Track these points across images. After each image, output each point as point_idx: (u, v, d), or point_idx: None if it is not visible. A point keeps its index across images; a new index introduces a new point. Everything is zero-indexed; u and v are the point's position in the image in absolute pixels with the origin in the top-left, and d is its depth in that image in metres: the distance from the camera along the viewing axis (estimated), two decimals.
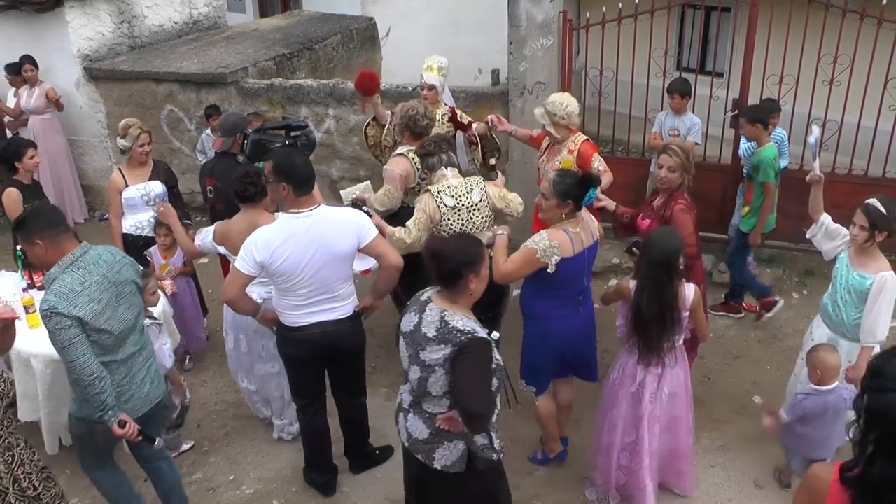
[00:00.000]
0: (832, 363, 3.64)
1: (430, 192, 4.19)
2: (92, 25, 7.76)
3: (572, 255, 3.62)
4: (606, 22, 5.91)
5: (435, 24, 10.86)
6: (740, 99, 6.00)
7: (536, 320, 3.87)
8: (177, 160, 7.61)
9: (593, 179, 3.64)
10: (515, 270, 3.70)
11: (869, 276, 3.67)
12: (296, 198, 3.56)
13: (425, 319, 2.90)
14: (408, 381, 3.05)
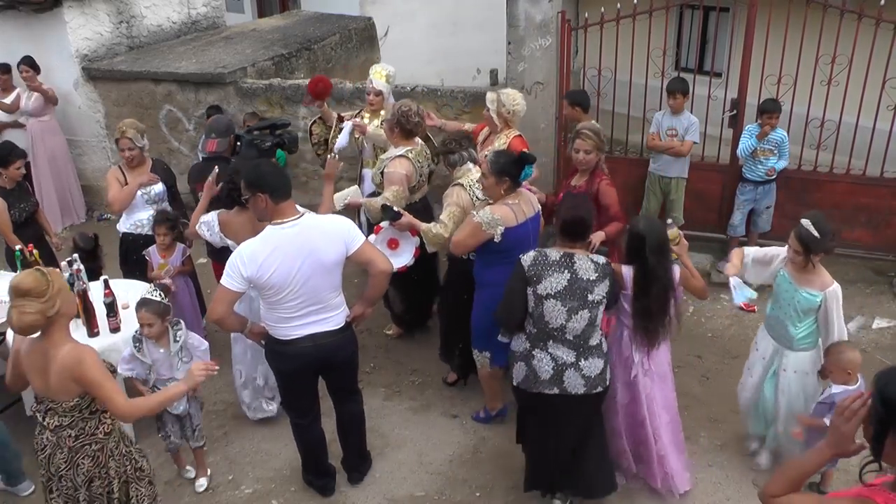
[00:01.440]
0: (858, 360, 3.73)
1: (462, 185, 4.36)
2: (90, 25, 7.75)
3: (515, 225, 3.94)
4: (605, 22, 5.91)
5: (433, 24, 10.86)
6: (739, 99, 6.01)
7: (488, 287, 4.09)
8: (175, 160, 7.61)
9: (528, 157, 3.94)
10: (463, 240, 4.03)
11: (817, 293, 3.71)
12: (276, 206, 3.45)
13: (580, 268, 3.47)
14: (559, 341, 3.51)
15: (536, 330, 3.57)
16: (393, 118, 4.80)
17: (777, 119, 5.63)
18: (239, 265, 3.41)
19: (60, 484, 3.16)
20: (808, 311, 3.79)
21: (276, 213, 3.47)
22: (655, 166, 6.03)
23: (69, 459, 3.11)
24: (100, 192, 7.93)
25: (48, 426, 3.09)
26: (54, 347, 2.93)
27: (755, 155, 5.76)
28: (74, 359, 2.92)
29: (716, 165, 6.26)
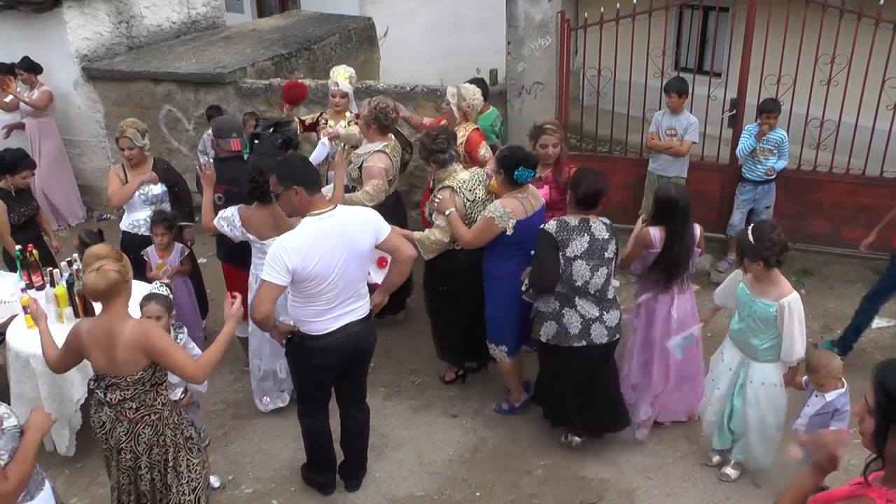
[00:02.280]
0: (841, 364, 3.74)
1: (453, 188, 4.38)
2: (90, 25, 7.75)
3: (525, 217, 4.15)
4: (604, 22, 5.91)
5: (433, 23, 10.86)
6: (738, 99, 6.01)
7: (500, 281, 4.31)
8: (175, 160, 7.58)
9: (530, 160, 4.13)
10: (477, 237, 4.22)
11: (771, 303, 3.64)
12: (311, 198, 3.49)
13: (596, 230, 3.95)
14: (584, 297, 3.96)
15: (565, 290, 3.97)
16: (370, 114, 4.90)
17: (776, 119, 5.63)
18: (283, 257, 3.38)
19: (120, 457, 3.30)
20: (767, 322, 3.71)
21: (312, 205, 3.51)
22: (655, 166, 6.03)
23: (129, 430, 3.25)
24: (100, 192, 7.93)
25: (110, 402, 3.20)
26: (119, 323, 3.07)
27: (755, 155, 5.76)
28: (142, 331, 3.08)
29: (715, 165, 6.27)
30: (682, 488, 4.16)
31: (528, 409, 4.73)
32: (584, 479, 4.24)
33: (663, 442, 4.48)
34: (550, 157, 4.68)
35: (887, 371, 1.88)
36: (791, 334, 3.66)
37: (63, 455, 4.46)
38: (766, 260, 3.56)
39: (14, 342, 4.35)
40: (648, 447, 4.39)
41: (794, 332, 3.66)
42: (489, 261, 4.35)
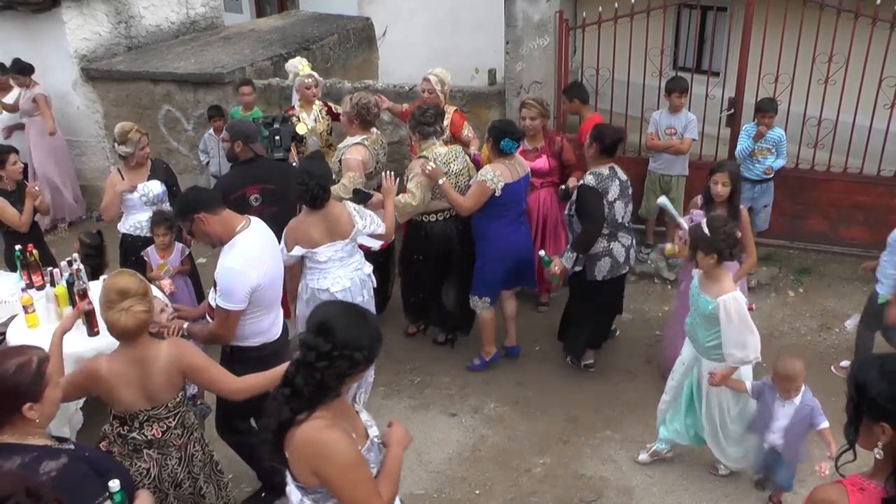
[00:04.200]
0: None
1: (427, 158, 4.72)
2: (89, 26, 7.76)
3: (512, 181, 4.62)
4: (603, 21, 5.92)
5: (432, 23, 10.87)
6: (736, 98, 6.02)
7: (489, 240, 4.80)
8: (174, 160, 7.61)
9: (514, 133, 4.64)
10: (474, 202, 4.64)
11: (711, 299, 3.63)
12: (219, 217, 3.45)
13: (619, 175, 4.59)
14: (622, 230, 4.64)
15: (610, 228, 4.54)
16: (353, 110, 5.03)
17: (773, 118, 5.65)
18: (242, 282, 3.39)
19: (180, 490, 3.13)
20: (710, 319, 3.69)
21: (227, 222, 3.48)
22: (656, 165, 6.05)
23: (182, 458, 3.12)
24: (98, 192, 7.89)
25: (152, 439, 3.01)
26: (151, 350, 2.92)
27: (753, 154, 5.78)
28: (177, 351, 2.96)
29: (713, 165, 6.26)
30: (681, 486, 4.18)
31: (499, 363, 5.22)
32: (583, 477, 4.26)
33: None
34: (529, 129, 5.22)
35: (860, 365, 1.91)
36: (734, 332, 3.59)
37: None
38: (720, 252, 3.57)
39: (14, 342, 4.35)
40: (647, 446, 4.40)
41: (729, 331, 3.59)
42: (480, 222, 4.80)
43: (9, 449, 2.19)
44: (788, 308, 5.77)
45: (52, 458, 2.20)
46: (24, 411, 2.21)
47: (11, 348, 2.52)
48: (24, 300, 4.46)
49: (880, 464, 1.87)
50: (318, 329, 2.22)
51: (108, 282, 2.87)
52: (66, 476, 2.16)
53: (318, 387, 2.22)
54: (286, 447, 2.26)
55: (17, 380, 2.21)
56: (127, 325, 2.80)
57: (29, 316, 4.43)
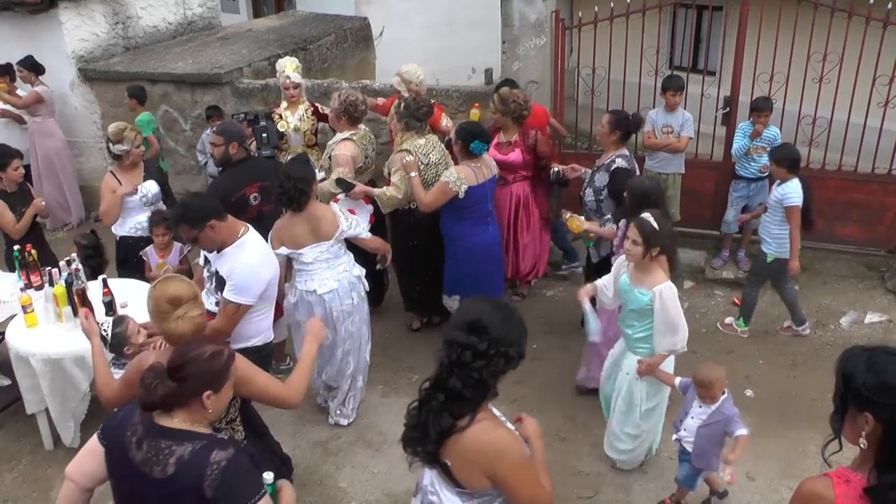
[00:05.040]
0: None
1: (409, 150, 4.85)
2: (86, 26, 7.76)
3: (477, 184, 4.69)
4: (599, 21, 5.95)
5: (428, 23, 10.89)
6: (732, 97, 6.06)
7: (456, 240, 4.91)
8: (172, 160, 7.63)
9: (482, 135, 4.72)
10: (434, 200, 4.71)
11: (647, 292, 3.67)
12: (226, 223, 3.62)
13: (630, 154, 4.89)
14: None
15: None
16: (341, 107, 5.12)
17: (768, 117, 5.68)
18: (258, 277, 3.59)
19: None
20: (642, 312, 3.74)
21: (232, 227, 3.67)
22: (652, 163, 6.07)
23: None
24: (96, 193, 7.85)
25: None
26: None
27: (748, 153, 5.81)
28: None
29: (709, 163, 6.32)
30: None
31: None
32: (581, 474, 4.28)
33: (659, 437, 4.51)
34: (496, 121, 5.37)
35: (847, 356, 1.94)
36: (667, 322, 3.66)
37: (68, 447, 4.50)
38: (664, 247, 3.62)
39: (13, 341, 4.38)
40: None
41: (663, 320, 3.66)
42: (447, 223, 4.91)
43: (181, 435, 2.23)
44: (784, 306, 5.79)
45: (222, 448, 2.22)
46: (203, 398, 2.26)
47: (207, 337, 2.70)
48: (22, 300, 4.49)
49: (864, 455, 1.91)
50: (471, 328, 2.18)
51: (155, 292, 2.82)
52: (234, 466, 2.19)
53: (477, 387, 2.18)
54: (445, 455, 2.22)
55: (209, 365, 2.28)
56: (185, 333, 2.77)
57: (28, 316, 4.46)
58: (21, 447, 4.72)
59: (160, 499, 2.18)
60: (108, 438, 2.35)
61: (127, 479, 2.26)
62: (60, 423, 4.44)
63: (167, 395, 2.22)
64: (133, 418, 2.30)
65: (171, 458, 2.18)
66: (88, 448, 2.41)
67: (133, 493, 2.26)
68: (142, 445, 2.23)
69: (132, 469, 2.22)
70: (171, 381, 2.22)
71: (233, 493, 2.14)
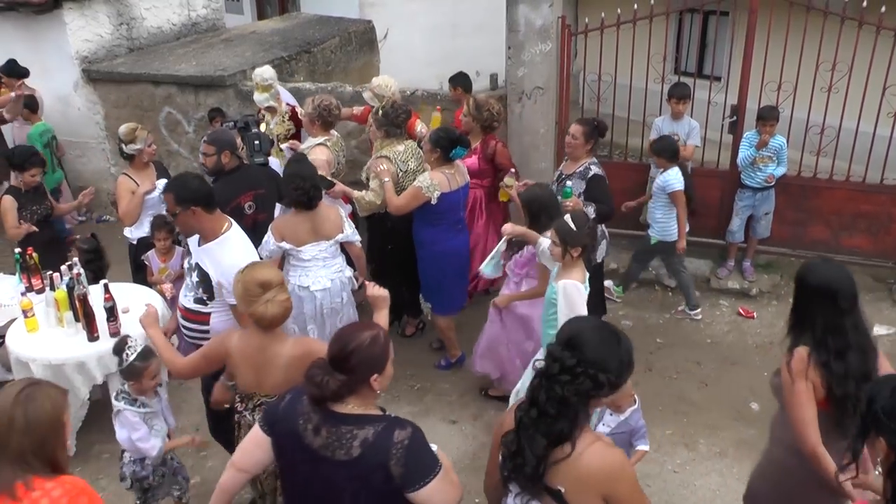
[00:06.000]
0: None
1: (389, 157, 4.92)
2: (90, 27, 7.73)
3: (450, 191, 4.69)
4: (605, 27, 5.91)
5: (433, 26, 10.86)
6: (739, 105, 6.01)
7: (428, 245, 4.91)
8: (174, 162, 7.60)
9: (463, 141, 4.71)
10: (406, 204, 4.72)
11: (554, 284, 3.73)
12: (211, 215, 3.60)
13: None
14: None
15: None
16: (314, 111, 5.21)
17: (774, 127, 5.64)
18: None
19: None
20: (550, 303, 3.77)
21: (216, 221, 3.67)
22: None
23: None
24: (99, 194, 7.88)
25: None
26: (276, 343, 3.02)
27: (754, 162, 5.77)
28: (304, 351, 2.99)
29: (715, 171, 6.27)
30: (681, 496, 4.16)
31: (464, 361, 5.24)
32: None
33: (662, 449, 4.48)
34: (465, 125, 5.39)
35: (878, 381, 1.97)
36: (563, 316, 3.59)
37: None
38: (585, 246, 3.67)
39: (13, 346, 4.35)
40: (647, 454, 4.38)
41: (563, 314, 3.61)
42: (418, 227, 4.92)
43: (359, 419, 2.31)
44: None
45: (402, 427, 2.31)
46: (371, 381, 2.32)
47: (357, 324, 2.70)
48: (23, 304, 4.45)
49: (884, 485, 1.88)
50: (567, 342, 2.18)
51: (245, 276, 2.96)
52: (415, 444, 2.29)
53: (560, 403, 2.14)
54: (556, 482, 2.17)
55: (372, 351, 2.33)
56: (275, 315, 2.91)
57: (28, 320, 4.43)
58: None
59: (349, 479, 2.29)
60: (273, 428, 2.43)
61: (306, 464, 2.35)
62: None
63: (340, 388, 2.29)
64: (299, 407, 2.37)
65: (354, 441, 2.28)
66: (254, 439, 2.49)
67: (315, 476, 2.35)
68: (320, 432, 2.31)
69: (312, 454, 2.32)
70: (340, 373, 2.29)
71: (416, 468, 2.26)
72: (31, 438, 2.13)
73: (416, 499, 2.28)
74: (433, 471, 2.30)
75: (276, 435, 2.43)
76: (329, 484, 2.33)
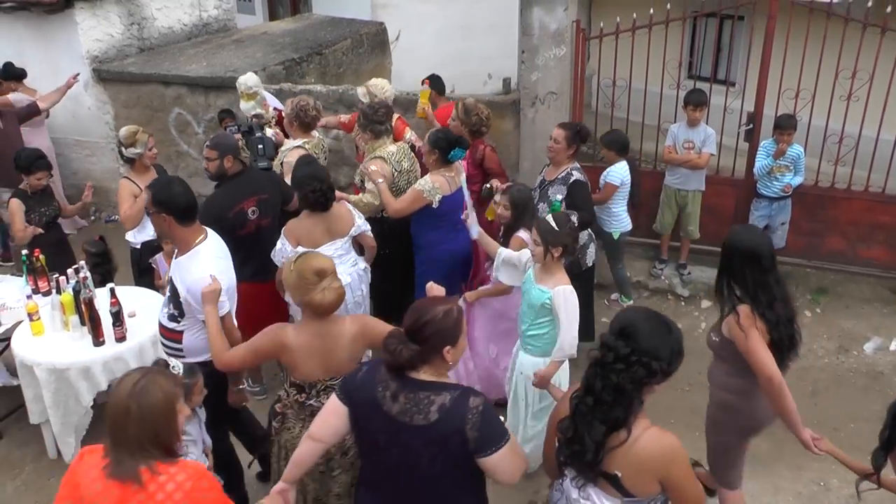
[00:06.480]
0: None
1: (383, 157, 4.87)
2: (101, 27, 7.71)
3: (450, 193, 4.68)
4: (621, 32, 5.82)
5: (445, 28, 10.79)
6: (756, 113, 5.91)
7: (427, 248, 4.85)
8: (184, 163, 7.57)
9: (462, 142, 4.64)
10: (406, 207, 4.68)
11: (547, 290, 3.70)
12: (184, 229, 3.40)
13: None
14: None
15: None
16: (292, 112, 5.21)
17: (792, 136, 5.54)
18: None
19: (345, 459, 3.17)
20: (540, 309, 3.75)
21: (189, 234, 3.47)
22: (672, 179, 5.94)
23: None
24: (108, 194, 7.89)
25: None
26: (335, 325, 3.12)
27: (770, 171, 5.67)
28: (362, 326, 3.16)
29: (730, 180, 6.17)
30: None
31: None
32: None
33: None
34: (453, 128, 5.18)
35: None
36: (565, 324, 3.66)
37: (68, 462, 4.40)
38: (566, 246, 3.68)
39: (19, 349, 4.31)
40: None
41: (567, 322, 3.66)
42: (417, 230, 4.87)
43: (435, 386, 2.44)
44: (805, 329, 5.52)
45: (476, 395, 2.43)
46: (444, 353, 2.43)
47: (433, 298, 2.94)
48: (28, 308, 4.41)
49: None
50: (621, 332, 2.28)
51: (300, 265, 3.02)
52: (488, 411, 2.40)
53: (616, 391, 2.25)
54: (612, 467, 2.29)
55: (445, 324, 2.44)
56: (331, 302, 3.00)
57: (34, 324, 4.39)
58: (24, 454, 4.65)
59: (427, 444, 2.39)
60: (350, 397, 2.54)
61: (384, 430, 2.45)
62: (61, 437, 4.36)
63: (413, 357, 2.41)
64: (377, 375, 2.50)
65: (431, 406, 2.38)
66: (331, 409, 2.59)
67: (392, 442, 2.45)
68: (398, 398, 2.42)
69: (390, 420, 2.42)
70: (414, 343, 2.41)
71: (489, 434, 2.36)
72: (146, 428, 2.22)
73: (487, 464, 2.39)
74: (504, 438, 2.40)
75: (354, 404, 2.52)
76: (406, 449, 2.43)
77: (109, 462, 2.25)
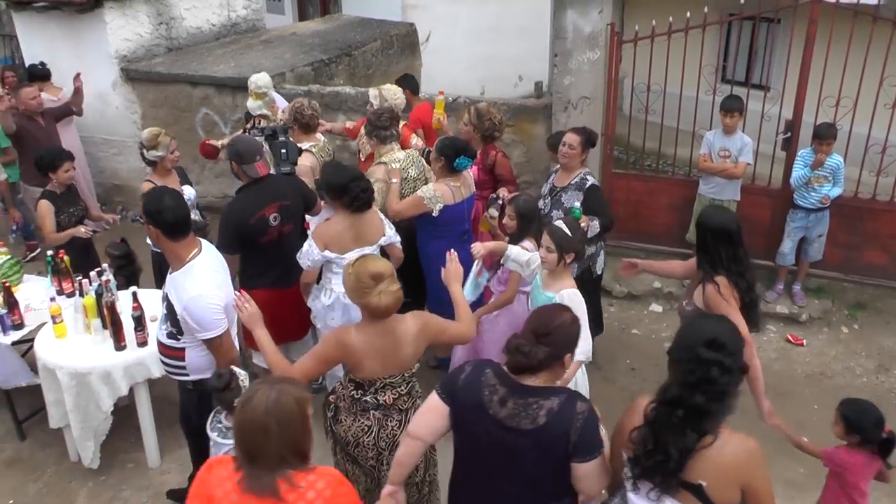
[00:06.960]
0: None
1: (386, 163, 4.82)
2: (130, 26, 7.73)
3: (453, 203, 4.62)
4: (656, 36, 5.67)
5: (475, 29, 10.70)
6: (794, 120, 5.73)
7: (433, 258, 4.61)
8: (210, 164, 7.56)
9: (468, 150, 4.60)
10: (404, 210, 4.65)
11: (552, 294, 3.70)
12: (174, 243, 3.29)
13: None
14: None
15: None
16: (290, 115, 5.28)
17: (831, 146, 5.35)
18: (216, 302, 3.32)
19: (390, 456, 3.17)
20: None
21: (180, 248, 3.35)
22: (707, 188, 5.78)
23: (402, 421, 3.26)
24: (134, 193, 7.88)
25: (385, 403, 3.20)
26: (398, 323, 3.13)
27: (808, 181, 5.48)
28: (423, 321, 3.20)
29: (766, 189, 5.98)
30: None
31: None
32: None
33: None
34: (463, 133, 5.18)
35: None
36: None
37: (87, 467, 4.40)
38: (578, 252, 3.72)
39: (42, 352, 4.29)
40: None
41: None
42: (422, 240, 4.82)
43: (544, 391, 2.49)
44: (842, 345, 5.46)
45: (582, 400, 2.50)
46: (565, 359, 2.53)
47: (556, 305, 3.03)
48: (52, 310, 4.39)
49: None
50: (712, 344, 2.30)
51: (357, 269, 3.04)
52: (592, 416, 2.46)
53: (721, 401, 2.29)
54: (694, 477, 2.29)
55: (571, 330, 2.57)
56: (388, 305, 3.01)
57: (57, 326, 4.37)
58: (47, 456, 4.64)
59: (533, 446, 2.45)
60: (453, 397, 2.59)
61: (488, 433, 2.51)
62: (81, 441, 4.32)
63: (546, 358, 2.47)
64: (483, 379, 2.56)
65: (540, 410, 2.44)
66: (432, 408, 2.65)
67: (499, 445, 2.50)
68: (506, 403, 2.48)
69: (496, 423, 2.49)
70: (543, 346, 2.47)
71: (590, 440, 2.43)
72: (286, 440, 2.22)
73: (580, 470, 2.44)
74: (600, 448, 2.46)
75: (457, 404, 2.58)
76: (512, 453, 2.48)
77: (244, 476, 2.21)
